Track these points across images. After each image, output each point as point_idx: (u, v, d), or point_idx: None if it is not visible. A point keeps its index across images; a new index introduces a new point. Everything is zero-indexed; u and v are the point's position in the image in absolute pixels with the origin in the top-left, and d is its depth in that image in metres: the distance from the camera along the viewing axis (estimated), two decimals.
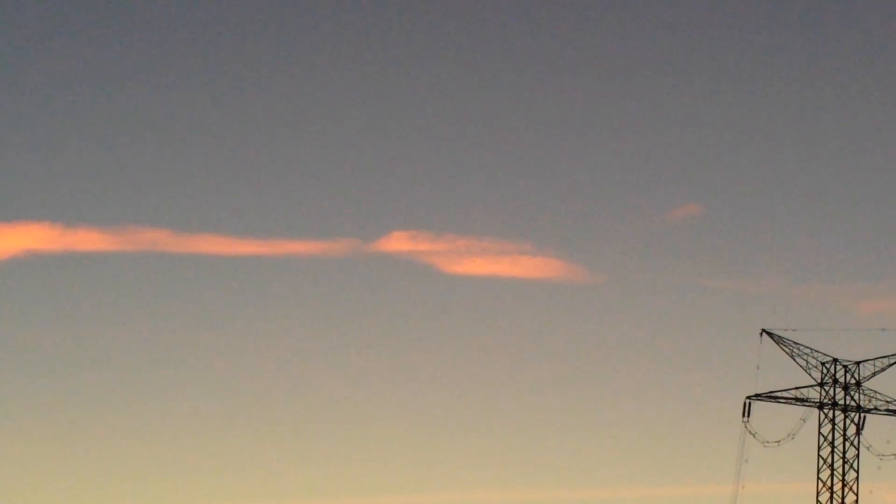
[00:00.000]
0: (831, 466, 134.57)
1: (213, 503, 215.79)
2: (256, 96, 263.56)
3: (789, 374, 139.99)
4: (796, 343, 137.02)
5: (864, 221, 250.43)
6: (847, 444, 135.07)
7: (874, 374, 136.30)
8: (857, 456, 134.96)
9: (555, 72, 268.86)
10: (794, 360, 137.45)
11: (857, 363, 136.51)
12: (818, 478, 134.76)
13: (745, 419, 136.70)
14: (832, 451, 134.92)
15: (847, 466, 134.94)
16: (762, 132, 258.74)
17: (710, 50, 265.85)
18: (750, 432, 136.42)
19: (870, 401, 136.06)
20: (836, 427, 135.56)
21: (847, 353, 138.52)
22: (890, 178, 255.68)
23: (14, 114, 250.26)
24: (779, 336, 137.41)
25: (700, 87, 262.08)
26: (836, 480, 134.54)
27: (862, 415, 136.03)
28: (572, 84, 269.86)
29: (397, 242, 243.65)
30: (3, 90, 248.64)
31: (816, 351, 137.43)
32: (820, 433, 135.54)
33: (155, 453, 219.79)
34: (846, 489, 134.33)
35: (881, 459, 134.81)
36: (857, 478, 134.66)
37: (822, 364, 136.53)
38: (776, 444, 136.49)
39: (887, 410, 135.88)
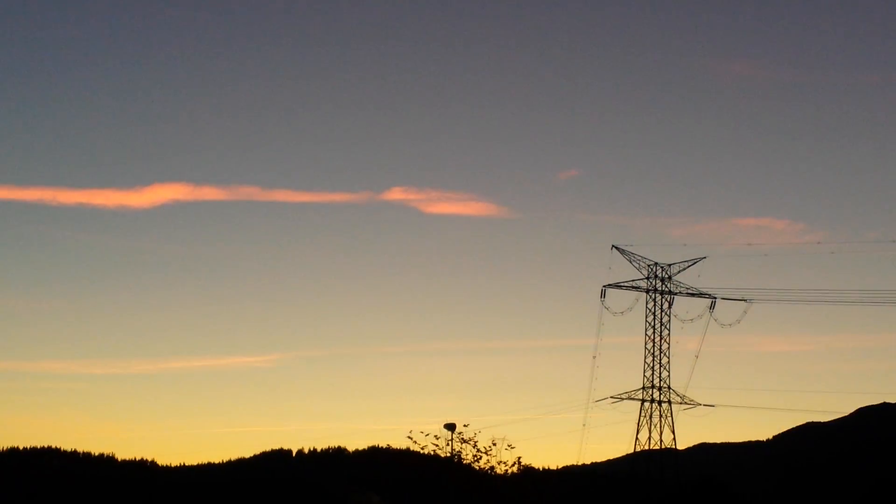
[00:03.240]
0: (654, 327, 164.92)
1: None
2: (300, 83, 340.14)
3: (629, 272, 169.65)
4: (633, 252, 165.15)
5: (675, 166, 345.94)
6: (663, 313, 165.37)
7: (679, 272, 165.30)
8: (669, 321, 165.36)
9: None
10: (632, 263, 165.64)
11: (669, 265, 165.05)
12: (646, 334, 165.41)
13: (603, 299, 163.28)
14: (654, 318, 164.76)
15: (662, 328, 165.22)
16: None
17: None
18: (605, 307, 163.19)
19: (676, 287, 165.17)
20: (657, 303, 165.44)
21: (663, 259, 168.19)
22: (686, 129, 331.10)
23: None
24: (622, 248, 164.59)
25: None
26: (657, 336, 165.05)
27: (672, 296, 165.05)
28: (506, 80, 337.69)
29: (396, 194, 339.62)
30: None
31: (645, 258, 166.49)
32: (647, 308, 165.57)
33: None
34: (662, 341, 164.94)
35: (683, 322, 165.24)
36: (669, 334, 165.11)
37: (648, 266, 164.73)
38: (621, 314, 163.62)
39: (688, 293, 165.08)
